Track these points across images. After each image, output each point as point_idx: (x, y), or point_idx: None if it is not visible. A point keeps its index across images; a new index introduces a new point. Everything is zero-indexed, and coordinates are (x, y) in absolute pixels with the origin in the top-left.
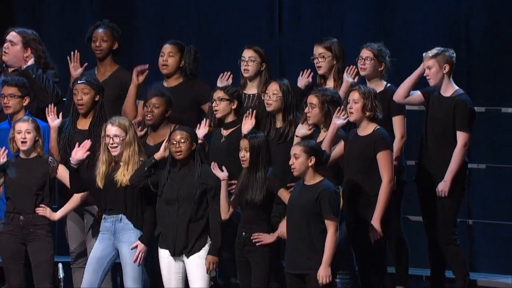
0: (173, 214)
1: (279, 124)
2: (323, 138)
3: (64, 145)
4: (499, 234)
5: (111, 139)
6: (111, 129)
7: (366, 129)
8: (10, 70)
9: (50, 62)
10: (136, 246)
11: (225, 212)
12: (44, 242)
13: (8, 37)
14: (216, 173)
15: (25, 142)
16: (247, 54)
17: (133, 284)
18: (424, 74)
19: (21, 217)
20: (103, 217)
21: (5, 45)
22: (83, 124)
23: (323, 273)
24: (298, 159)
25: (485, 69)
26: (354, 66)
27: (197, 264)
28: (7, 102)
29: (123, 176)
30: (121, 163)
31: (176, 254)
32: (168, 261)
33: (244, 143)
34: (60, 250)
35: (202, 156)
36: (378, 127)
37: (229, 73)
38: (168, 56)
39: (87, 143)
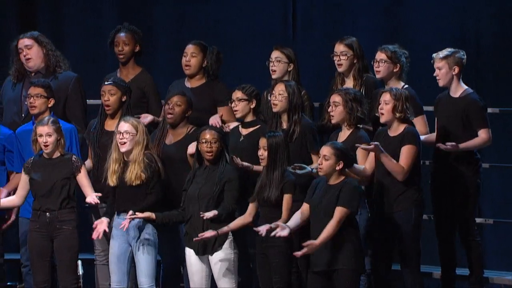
0: (196, 213)
1: (284, 124)
2: (346, 138)
3: (93, 146)
4: (509, 233)
5: (121, 134)
6: (123, 126)
7: (397, 129)
8: (33, 74)
9: (58, 55)
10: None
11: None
12: (69, 238)
13: (22, 45)
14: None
15: (47, 145)
16: (274, 55)
17: (147, 281)
18: (434, 74)
19: (47, 214)
20: (115, 213)
21: (23, 53)
22: (111, 125)
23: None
24: (327, 161)
25: (494, 71)
26: None
27: (220, 264)
28: (33, 102)
29: (132, 175)
30: (130, 162)
31: (199, 253)
32: (193, 260)
33: (263, 141)
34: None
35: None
36: (409, 126)
37: None
38: (190, 57)
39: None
